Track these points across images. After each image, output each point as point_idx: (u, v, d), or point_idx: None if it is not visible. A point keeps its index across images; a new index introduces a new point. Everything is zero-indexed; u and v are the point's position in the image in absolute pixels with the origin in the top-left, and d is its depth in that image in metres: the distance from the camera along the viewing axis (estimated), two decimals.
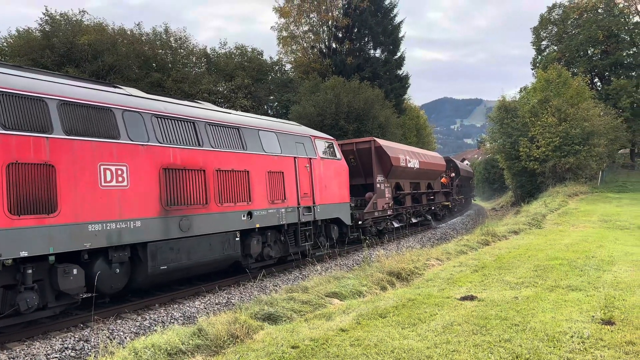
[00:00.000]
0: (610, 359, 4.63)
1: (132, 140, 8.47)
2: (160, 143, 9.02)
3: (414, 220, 23.19)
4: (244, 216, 10.84)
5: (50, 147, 7.20)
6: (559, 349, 4.91)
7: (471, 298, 7.26)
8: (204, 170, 9.83)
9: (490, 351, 4.93)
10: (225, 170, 10.39)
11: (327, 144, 14.91)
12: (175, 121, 9.61)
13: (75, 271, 7.52)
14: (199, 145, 9.89)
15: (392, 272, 9.08)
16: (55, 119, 7.38)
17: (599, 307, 6.45)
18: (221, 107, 19.92)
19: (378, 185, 18.74)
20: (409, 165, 21.42)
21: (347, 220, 15.38)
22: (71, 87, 8.05)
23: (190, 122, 9.92)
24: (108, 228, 7.88)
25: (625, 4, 42.59)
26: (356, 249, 16.64)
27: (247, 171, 11.02)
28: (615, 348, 4.90)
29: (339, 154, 15.40)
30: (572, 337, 5.26)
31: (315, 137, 14.40)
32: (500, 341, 5.21)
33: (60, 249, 7.22)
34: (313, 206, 13.42)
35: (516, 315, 6.21)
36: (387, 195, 19.53)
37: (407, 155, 21.59)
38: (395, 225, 20.80)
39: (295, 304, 6.88)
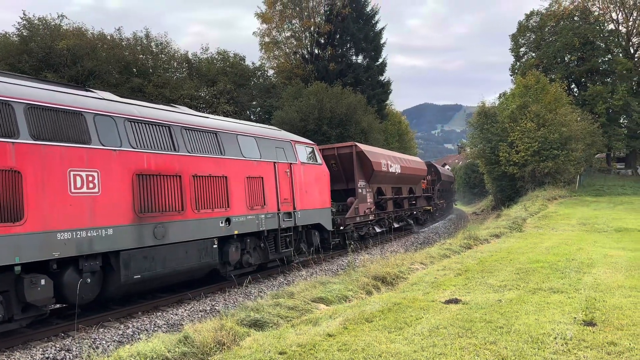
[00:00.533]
0: None
1: (104, 146, 8.21)
2: (134, 148, 8.76)
3: (396, 225, 23.19)
4: (222, 223, 10.59)
5: (16, 153, 6.90)
6: (544, 351, 4.99)
7: (456, 301, 7.32)
8: (179, 176, 9.57)
9: (476, 354, 4.98)
10: (202, 176, 10.14)
11: (307, 149, 14.73)
12: (150, 125, 9.33)
13: (43, 282, 7.20)
14: (175, 150, 9.63)
15: (377, 276, 9.12)
16: (21, 123, 7.08)
17: (581, 308, 6.57)
18: (203, 112, 19.81)
19: (360, 190, 18.70)
20: (390, 170, 21.42)
21: (329, 226, 15.22)
22: (39, 90, 7.76)
23: (165, 126, 9.66)
24: (78, 236, 7.59)
25: (600, 12, 43.60)
26: (340, 254, 16.66)
27: (225, 177, 10.77)
28: (597, 349, 4.99)
29: (319, 159, 15.26)
30: (555, 338, 5.34)
31: (296, 142, 14.22)
32: (485, 344, 5.27)
33: (27, 259, 6.93)
34: (294, 212, 13.22)
35: (500, 317, 6.28)
36: (368, 200, 19.49)
37: (388, 160, 21.61)
38: (377, 230, 20.76)
39: (281, 309, 6.86)
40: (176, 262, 9.41)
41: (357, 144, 19.09)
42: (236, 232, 11.02)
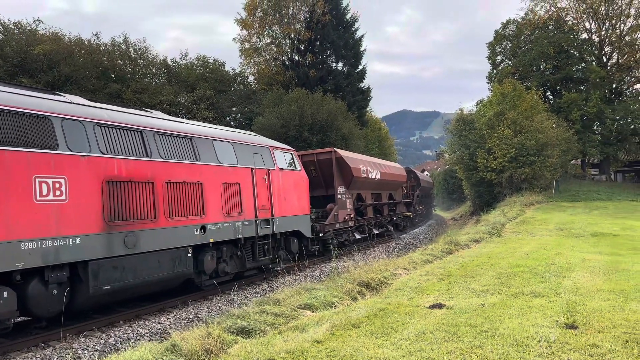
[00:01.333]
0: None
1: (72, 151, 7.89)
2: (104, 154, 8.47)
3: (375, 232, 23.09)
4: (196, 231, 10.29)
5: None
6: (528, 354, 5.07)
7: (440, 306, 7.40)
8: (152, 183, 9.27)
9: (463, 357, 5.04)
10: (176, 183, 9.84)
11: (286, 155, 14.52)
12: (121, 130, 9.03)
13: (5, 294, 6.82)
14: (147, 156, 9.33)
15: (361, 282, 9.16)
16: None
17: (562, 312, 6.71)
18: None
19: (339, 197, 18.60)
20: (370, 176, 21.38)
21: (308, 233, 15.00)
22: (2, 93, 7.46)
23: (137, 131, 9.35)
24: (44, 246, 7.23)
25: (574, 21, 44.71)
26: (322, 261, 16.67)
27: (201, 183, 10.50)
28: (580, 351, 5.10)
29: (298, 165, 15.07)
30: (539, 341, 5.44)
31: (274, 147, 13.98)
32: (472, 347, 5.34)
33: None
34: (272, 219, 12.96)
35: (484, 322, 6.37)
36: (348, 207, 19.40)
37: (368, 166, 21.54)
38: (358, 236, 20.67)
39: (268, 316, 6.84)
40: (148, 272, 9.07)
41: (336, 149, 19.02)
42: (212, 240, 10.73)
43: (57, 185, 7.55)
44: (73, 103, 8.62)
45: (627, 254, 12.58)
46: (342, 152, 19.33)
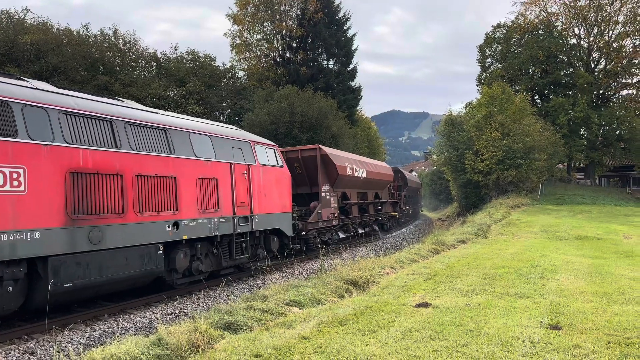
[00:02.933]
0: None
1: (32, 140, 7.40)
2: (69, 143, 7.96)
3: (360, 231, 22.70)
4: (168, 227, 9.77)
5: None
6: (513, 353, 5.14)
7: (426, 305, 7.46)
8: (121, 175, 8.78)
9: (449, 356, 5.09)
10: (147, 176, 9.34)
11: (268, 151, 14.00)
12: (89, 119, 8.50)
13: None
14: (117, 147, 8.82)
15: (349, 280, 9.19)
16: None
17: (546, 313, 6.80)
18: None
19: (323, 195, 18.22)
20: (355, 175, 21.07)
21: (289, 231, 14.55)
22: None
23: (106, 120, 8.81)
24: None
25: (564, 26, 45.19)
26: (310, 258, 16.69)
27: (174, 177, 9.98)
28: (564, 351, 5.18)
29: (280, 161, 14.58)
30: (523, 341, 5.51)
31: (255, 142, 13.45)
32: (457, 346, 5.39)
33: None
34: (250, 216, 12.47)
35: (470, 321, 6.44)
36: (332, 205, 19.02)
37: (354, 164, 21.17)
38: (342, 235, 20.34)
39: (255, 312, 6.84)
40: (114, 269, 8.61)
41: (321, 146, 18.65)
42: (185, 237, 10.23)
43: (14, 176, 7.11)
44: (37, 89, 8.18)
45: (610, 258, 12.77)
46: (328, 150, 18.97)
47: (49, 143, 7.70)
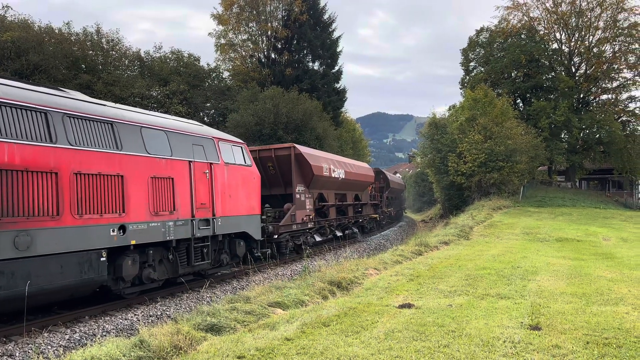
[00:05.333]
0: None
1: None
2: None
3: (339, 234, 21.94)
4: (113, 231, 8.88)
5: None
6: (494, 353, 5.20)
7: (409, 306, 7.51)
8: (56, 173, 7.87)
9: (431, 356, 5.13)
10: (88, 174, 8.46)
11: (234, 148, 13.08)
12: (17, 110, 7.67)
13: None
14: (52, 141, 7.92)
15: (332, 281, 9.21)
16: None
17: (527, 313, 6.89)
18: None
19: (298, 196, 17.48)
20: (333, 175, 20.31)
21: (257, 235, 13.65)
22: None
23: (40, 112, 7.97)
24: None
25: (545, 31, 45.85)
26: (294, 260, 16.68)
27: (121, 176, 9.12)
28: (543, 351, 5.25)
29: (248, 160, 13.64)
30: (504, 342, 5.58)
31: (220, 139, 12.53)
32: (439, 347, 5.44)
33: None
34: (212, 219, 11.58)
35: (452, 322, 6.50)
36: (307, 207, 18.26)
37: (331, 164, 20.39)
38: (318, 239, 19.64)
39: (238, 314, 6.82)
40: (47, 278, 7.66)
41: (296, 145, 17.88)
42: (133, 242, 9.35)
43: None
44: None
45: (590, 259, 13.00)
46: (302, 149, 18.20)
47: None
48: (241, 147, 13.54)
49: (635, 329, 6.05)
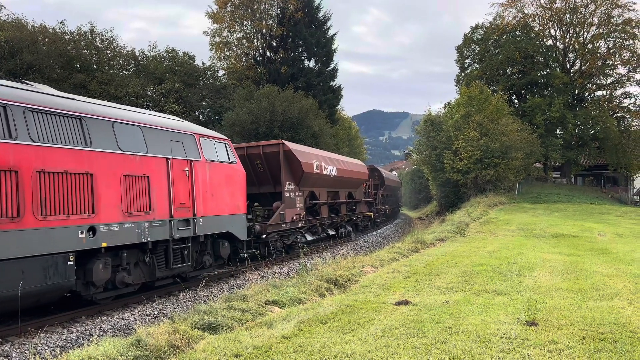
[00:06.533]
0: (537, 357, 4.98)
1: None
2: None
3: (331, 232, 21.50)
4: (82, 233, 8.33)
5: None
6: (491, 349, 5.22)
7: (406, 303, 7.52)
8: (16, 172, 7.34)
9: (428, 353, 5.14)
10: (53, 172, 7.92)
11: (217, 145, 12.52)
12: None
13: None
14: (11, 137, 7.39)
15: (329, 279, 9.22)
16: None
17: (523, 309, 6.92)
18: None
19: (287, 194, 17.01)
20: (324, 172, 19.74)
21: (242, 235, 13.05)
22: None
23: None
24: None
25: (540, 28, 45.93)
26: (291, 258, 16.68)
27: (91, 174, 8.57)
28: (540, 347, 5.28)
29: (233, 157, 13.09)
30: (501, 338, 5.60)
31: (201, 135, 11.95)
32: (436, 343, 5.45)
33: None
34: (193, 219, 11.02)
35: (449, 318, 6.51)
36: (298, 205, 17.78)
37: (322, 161, 19.88)
38: (309, 238, 19.16)
39: (235, 312, 6.81)
40: (7, 285, 7.10)
41: (284, 142, 17.34)
42: (105, 245, 8.79)
43: None
44: None
45: (585, 255, 13.05)
46: (292, 145, 17.68)
47: None
48: (225, 143, 13.00)
49: (631, 323, 6.09)
